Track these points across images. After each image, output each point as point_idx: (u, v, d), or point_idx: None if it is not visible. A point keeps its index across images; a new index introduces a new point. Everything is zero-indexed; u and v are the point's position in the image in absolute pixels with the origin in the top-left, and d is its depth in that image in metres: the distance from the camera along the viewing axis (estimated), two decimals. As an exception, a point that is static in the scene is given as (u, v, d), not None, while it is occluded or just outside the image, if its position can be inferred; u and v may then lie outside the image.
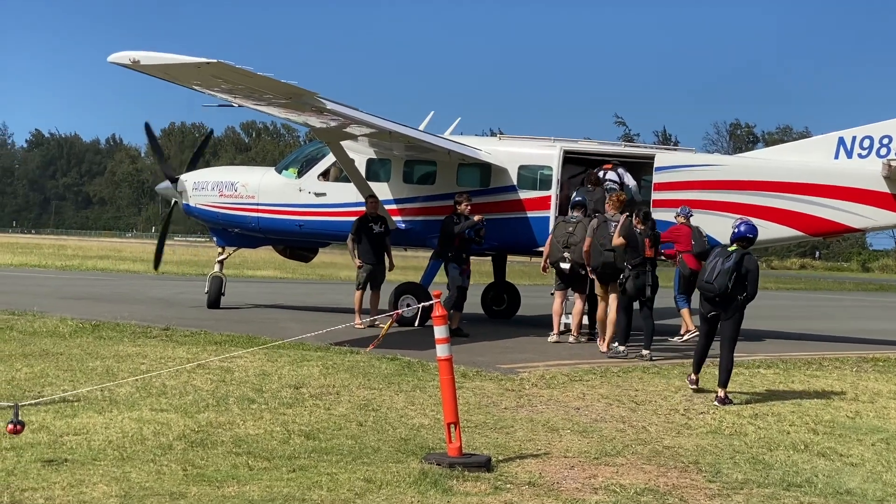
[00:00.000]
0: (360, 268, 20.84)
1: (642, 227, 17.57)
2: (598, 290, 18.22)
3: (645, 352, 17.39)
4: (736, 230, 13.30)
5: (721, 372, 13.18)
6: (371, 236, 20.88)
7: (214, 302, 23.41)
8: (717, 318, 13.30)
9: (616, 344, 17.50)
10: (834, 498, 8.56)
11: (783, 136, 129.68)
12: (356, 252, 20.82)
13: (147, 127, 25.84)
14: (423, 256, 24.14)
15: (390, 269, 21.61)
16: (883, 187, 20.72)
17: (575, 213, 19.20)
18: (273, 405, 11.35)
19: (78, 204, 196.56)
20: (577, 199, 19.61)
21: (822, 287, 60.47)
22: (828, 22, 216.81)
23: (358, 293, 20.84)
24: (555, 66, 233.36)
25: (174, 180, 24.38)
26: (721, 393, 13.05)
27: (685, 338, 19.87)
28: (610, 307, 17.86)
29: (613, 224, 17.76)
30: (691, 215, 20.15)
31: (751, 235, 13.21)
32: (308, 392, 12.23)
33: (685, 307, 20.30)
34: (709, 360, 13.78)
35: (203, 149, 27.55)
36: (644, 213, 17.95)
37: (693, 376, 13.73)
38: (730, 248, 13.16)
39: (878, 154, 20.98)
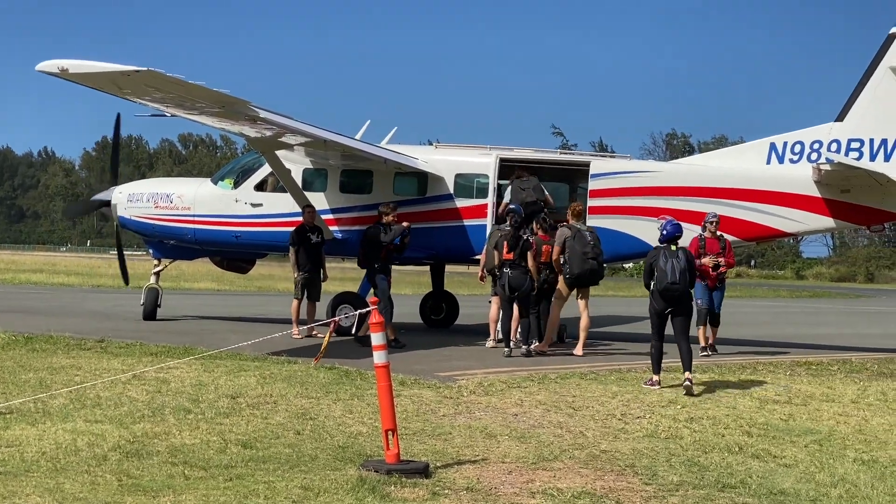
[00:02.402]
0: (297, 278, 20.79)
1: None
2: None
3: (524, 347, 18.32)
4: (665, 231, 14.56)
5: (686, 358, 14.43)
6: (308, 246, 20.83)
7: (150, 314, 23.19)
8: (667, 315, 14.54)
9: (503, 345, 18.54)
10: (767, 498, 8.68)
11: (719, 145, 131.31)
12: (296, 262, 20.76)
13: (117, 120, 24.80)
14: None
15: (324, 280, 21.55)
16: (814, 192, 21.07)
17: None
18: (210, 415, 11.26)
19: (11, 217, 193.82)
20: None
21: (757, 294, 61.36)
22: (762, 33, 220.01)
23: (295, 303, 20.85)
24: (493, 77, 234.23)
25: (106, 203, 24.11)
26: (690, 375, 14.31)
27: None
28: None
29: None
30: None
31: (679, 233, 14.60)
32: (245, 402, 12.15)
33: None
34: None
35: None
36: (513, 216, 18.92)
37: (656, 377, 14.61)
38: (673, 248, 14.35)
39: (808, 159, 21.36)
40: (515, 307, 18.89)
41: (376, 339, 9.22)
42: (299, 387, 13.35)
